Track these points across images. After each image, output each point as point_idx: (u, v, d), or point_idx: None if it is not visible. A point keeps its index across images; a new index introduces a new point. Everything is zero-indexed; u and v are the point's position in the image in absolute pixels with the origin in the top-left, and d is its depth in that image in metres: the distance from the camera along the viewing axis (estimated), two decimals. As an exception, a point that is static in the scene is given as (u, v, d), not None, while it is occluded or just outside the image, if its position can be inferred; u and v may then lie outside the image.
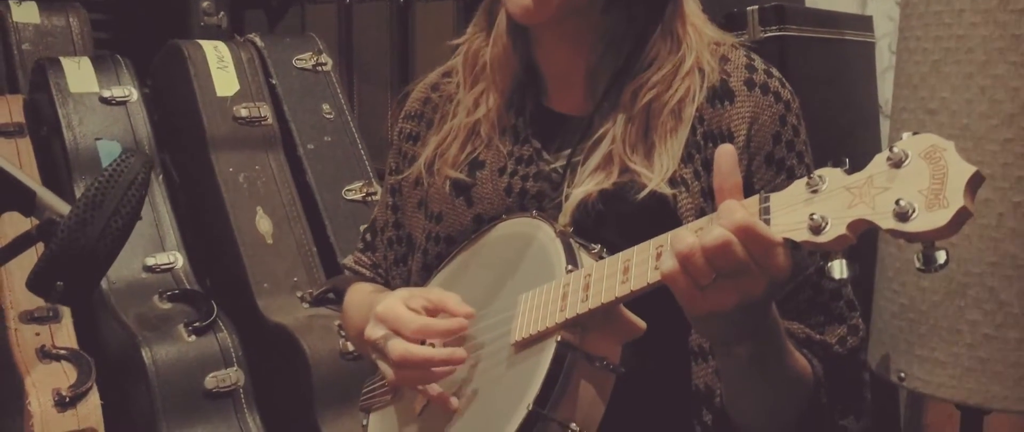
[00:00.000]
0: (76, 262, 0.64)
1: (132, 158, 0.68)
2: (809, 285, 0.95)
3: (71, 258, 0.64)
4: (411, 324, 0.91)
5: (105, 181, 0.66)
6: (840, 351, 0.95)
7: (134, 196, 0.66)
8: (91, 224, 0.64)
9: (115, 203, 0.65)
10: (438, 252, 1.07)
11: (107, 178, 0.66)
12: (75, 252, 0.64)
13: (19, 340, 1.85)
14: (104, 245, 0.65)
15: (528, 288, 0.90)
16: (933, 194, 0.62)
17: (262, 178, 2.11)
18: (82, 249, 0.64)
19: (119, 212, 0.65)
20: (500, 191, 1.02)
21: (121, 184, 0.66)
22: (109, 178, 0.66)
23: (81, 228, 0.65)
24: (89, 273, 0.65)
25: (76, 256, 0.64)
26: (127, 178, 0.66)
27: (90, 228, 0.64)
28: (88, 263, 0.64)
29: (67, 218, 0.65)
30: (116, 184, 0.66)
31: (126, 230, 0.66)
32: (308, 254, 2.07)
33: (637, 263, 0.78)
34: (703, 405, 0.93)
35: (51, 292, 0.65)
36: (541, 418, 0.81)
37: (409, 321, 0.91)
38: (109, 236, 0.65)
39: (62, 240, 0.65)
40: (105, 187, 0.65)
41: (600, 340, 0.85)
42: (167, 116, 2.20)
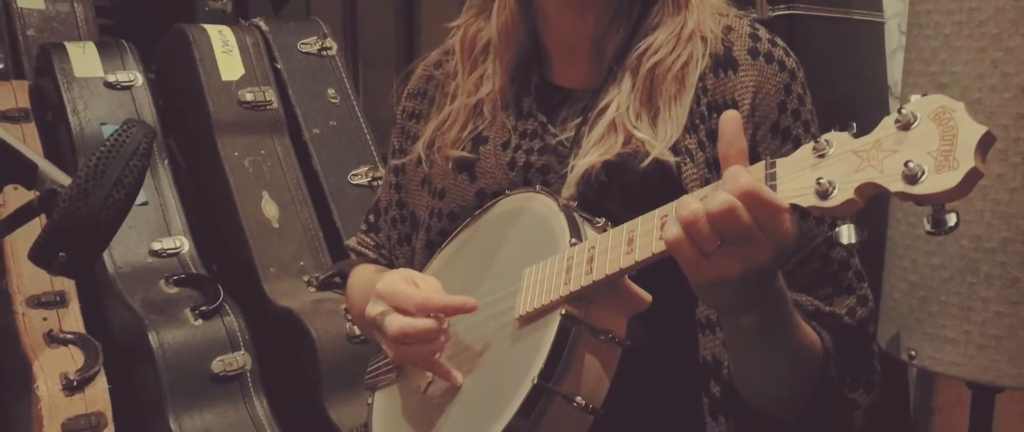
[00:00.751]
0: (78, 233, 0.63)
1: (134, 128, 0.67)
2: (816, 256, 0.94)
3: (73, 229, 0.63)
4: (413, 299, 0.90)
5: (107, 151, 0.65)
6: (849, 322, 0.94)
7: (136, 166, 0.66)
8: (93, 195, 0.64)
9: (117, 173, 0.64)
10: (441, 229, 1.06)
11: (109, 148, 0.66)
12: (77, 223, 0.63)
13: (27, 325, 1.86)
14: (106, 216, 0.64)
15: (532, 262, 0.89)
16: (943, 156, 0.60)
17: (268, 162, 2.10)
18: (84, 220, 0.63)
19: (121, 182, 0.65)
20: (503, 166, 1.01)
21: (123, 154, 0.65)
22: (111, 148, 0.66)
23: (83, 198, 0.64)
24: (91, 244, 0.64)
25: (78, 227, 0.63)
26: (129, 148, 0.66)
27: (92, 199, 0.64)
28: (90, 234, 0.64)
29: (69, 189, 0.65)
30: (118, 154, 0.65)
31: (128, 201, 0.65)
32: (314, 238, 2.07)
33: (641, 234, 0.77)
34: (711, 377, 0.92)
35: (53, 263, 0.64)
36: (546, 392, 0.80)
37: (411, 296, 0.90)
38: (111, 207, 0.64)
39: (64, 211, 0.64)
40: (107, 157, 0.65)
41: (605, 313, 0.84)
42: (172, 101, 2.20)
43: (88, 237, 0.63)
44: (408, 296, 0.90)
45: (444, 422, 0.90)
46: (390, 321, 0.90)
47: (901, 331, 1.22)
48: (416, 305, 0.90)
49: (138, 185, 0.65)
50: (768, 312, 0.79)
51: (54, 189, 0.65)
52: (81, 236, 0.63)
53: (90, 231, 0.63)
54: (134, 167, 0.65)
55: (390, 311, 0.91)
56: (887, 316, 1.26)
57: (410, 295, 0.90)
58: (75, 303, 1.90)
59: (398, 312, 0.90)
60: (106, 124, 2.05)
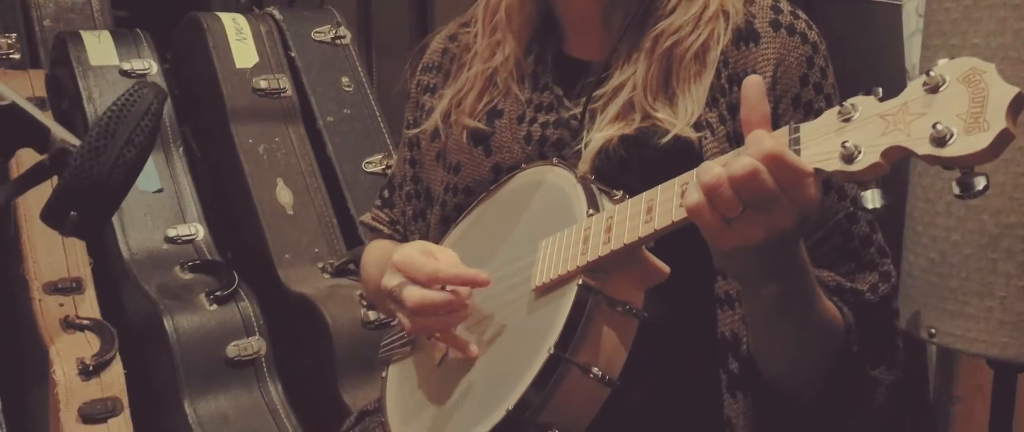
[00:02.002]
0: (89, 192, 0.63)
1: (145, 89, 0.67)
2: (839, 232, 0.93)
3: (84, 188, 0.63)
4: (425, 269, 0.89)
5: (118, 111, 0.65)
6: (871, 298, 0.93)
7: (147, 126, 0.65)
8: (104, 153, 0.64)
9: (128, 132, 0.64)
10: (457, 203, 1.06)
11: (119, 108, 0.66)
12: (88, 181, 0.63)
13: (43, 311, 1.86)
14: (117, 175, 0.64)
15: (548, 234, 0.89)
16: (973, 117, 0.59)
17: (282, 150, 2.10)
18: (95, 178, 0.63)
19: (132, 141, 0.65)
20: (519, 139, 1.01)
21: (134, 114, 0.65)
22: (122, 108, 0.66)
23: (94, 157, 0.64)
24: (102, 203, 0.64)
25: (89, 185, 0.63)
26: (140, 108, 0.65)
27: (103, 157, 0.64)
28: (102, 193, 0.64)
29: (80, 148, 0.65)
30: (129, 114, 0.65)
31: (140, 160, 0.65)
32: (329, 225, 2.07)
33: (661, 202, 0.76)
34: (729, 353, 0.91)
35: (65, 223, 0.64)
36: (563, 361, 0.80)
37: (423, 266, 0.90)
38: (122, 165, 0.64)
39: (75, 169, 0.64)
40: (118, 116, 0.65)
41: (623, 284, 0.83)
42: (187, 88, 2.20)
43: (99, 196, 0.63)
44: (419, 267, 0.90)
45: (459, 393, 0.90)
46: (408, 293, 0.89)
47: (921, 309, 1.21)
48: (426, 276, 0.89)
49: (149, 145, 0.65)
50: (790, 283, 0.78)
51: (65, 148, 0.66)
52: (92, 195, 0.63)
53: (101, 190, 0.63)
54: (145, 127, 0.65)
55: (407, 283, 0.90)
56: (906, 294, 1.24)
57: (421, 266, 0.90)
58: (91, 289, 1.91)
59: (413, 283, 0.90)
60: (121, 111, 2.05)
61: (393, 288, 0.91)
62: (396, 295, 0.91)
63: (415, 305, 0.89)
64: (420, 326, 0.91)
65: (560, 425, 0.81)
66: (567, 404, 0.81)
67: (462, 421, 0.87)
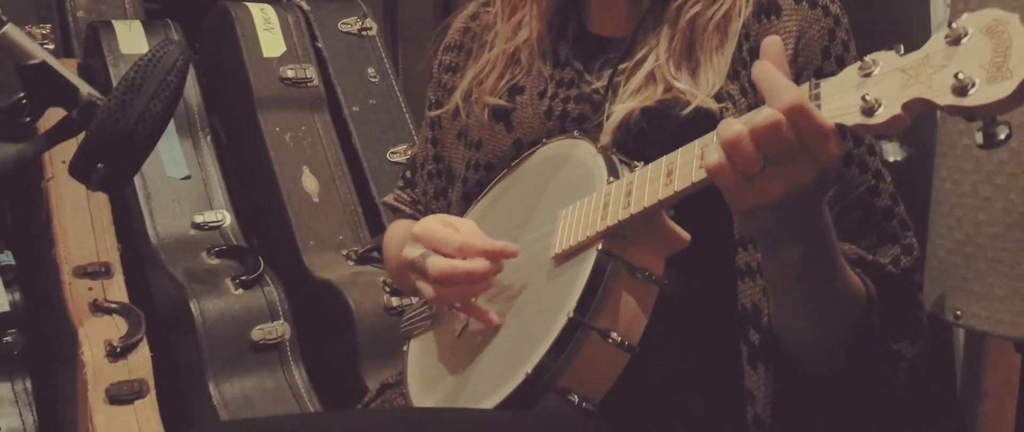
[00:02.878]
0: (115, 144, 0.65)
1: (170, 46, 0.68)
2: (860, 205, 0.93)
3: (111, 140, 0.65)
4: (453, 241, 0.90)
5: (144, 66, 0.67)
6: (893, 271, 0.92)
7: (173, 82, 0.67)
8: (131, 106, 0.65)
9: (154, 87, 0.66)
10: (478, 180, 1.06)
11: (146, 63, 0.67)
12: (115, 134, 0.65)
13: (73, 294, 1.89)
14: (143, 128, 0.65)
15: (569, 204, 0.89)
16: (995, 67, 0.59)
17: (308, 138, 2.12)
18: (121, 130, 0.65)
19: (158, 96, 0.66)
20: (540, 114, 1.01)
21: (160, 69, 0.66)
22: (148, 63, 0.67)
23: (121, 110, 0.65)
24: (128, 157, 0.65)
25: (115, 138, 0.65)
26: (166, 64, 0.67)
27: (130, 110, 0.65)
28: (127, 145, 0.65)
29: (107, 100, 0.66)
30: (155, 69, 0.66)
31: (165, 116, 0.66)
32: (353, 213, 2.08)
33: (681, 164, 0.76)
34: (750, 324, 0.90)
35: (91, 176, 0.66)
36: (581, 326, 0.80)
37: (449, 239, 0.90)
38: (148, 119, 0.65)
39: (102, 121, 0.65)
40: (144, 71, 0.66)
41: (643, 251, 0.83)
42: (215, 77, 2.23)
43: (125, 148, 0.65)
44: (447, 239, 0.90)
45: (478, 363, 0.90)
46: (433, 262, 0.90)
47: (946, 291, 1.19)
48: (456, 248, 0.90)
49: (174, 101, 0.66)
50: (812, 246, 0.78)
51: (93, 101, 0.67)
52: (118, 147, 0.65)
53: (127, 142, 0.65)
54: (170, 82, 0.66)
55: (430, 253, 0.91)
56: (932, 277, 1.23)
57: (449, 238, 0.90)
58: (119, 274, 1.94)
59: (436, 254, 0.91)
60: (151, 99, 2.08)
61: (416, 259, 0.92)
62: (419, 265, 0.92)
63: (439, 274, 0.89)
64: (442, 295, 0.91)
65: (579, 391, 0.81)
66: (586, 370, 0.81)
67: (481, 387, 0.87)
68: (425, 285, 0.92)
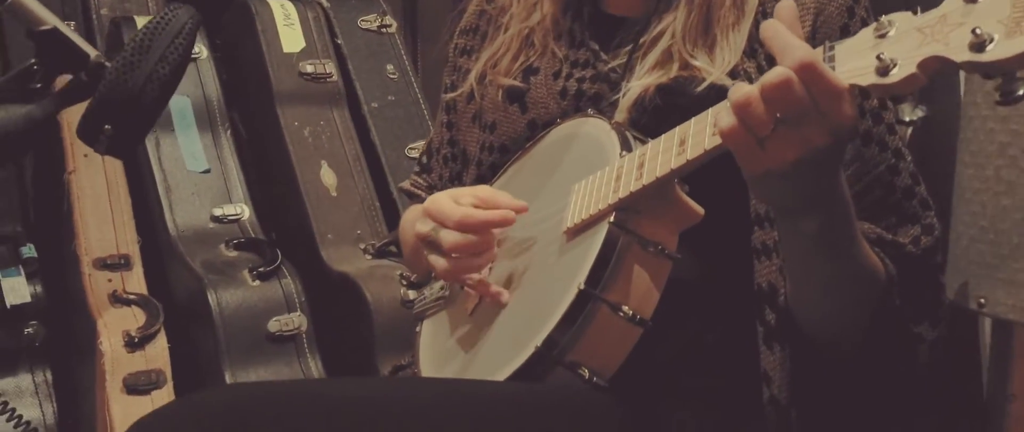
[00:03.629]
0: (123, 105, 0.65)
1: (179, 10, 0.69)
2: (880, 185, 0.91)
3: (119, 100, 0.65)
4: (453, 215, 0.90)
5: (152, 29, 0.67)
6: (913, 251, 0.90)
7: (181, 45, 0.67)
8: (138, 67, 0.65)
9: (162, 50, 0.66)
10: (492, 162, 1.06)
11: (155, 26, 0.67)
12: (122, 94, 0.65)
13: (93, 286, 1.91)
14: (150, 90, 0.65)
15: (581, 180, 0.88)
16: (1014, 22, 0.57)
17: (327, 133, 2.13)
18: (129, 92, 0.65)
19: (166, 59, 0.66)
20: (555, 94, 1.00)
21: (169, 32, 0.66)
22: (156, 26, 0.67)
23: (129, 71, 0.65)
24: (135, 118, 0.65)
25: (123, 99, 0.65)
26: (174, 27, 0.67)
27: (137, 71, 0.65)
28: (134, 106, 0.65)
29: (116, 61, 0.66)
30: (163, 32, 0.66)
31: (172, 79, 0.66)
32: (371, 208, 2.08)
33: (694, 133, 0.75)
34: (766, 304, 0.89)
35: (99, 137, 0.66)
36: (592, 298, 0.79)
37: (451, 212, 0.90)
38: (156, 81, 0.65)
39: (110, 82, 0.65)
40: (152, 34, 0.66)
41: (656, 225, 0.82)
42: (236, 73, 2.24)
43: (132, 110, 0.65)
44: (448, 213, 0.90)
45: (489, 338, 0.89)
46: (445, 235, 0.90)
47: (970, 279, 1.17)
48: (455, 222, 0.89)
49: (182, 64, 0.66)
50: (828, 217, 0.76)
51: (102, 63, 0.67)
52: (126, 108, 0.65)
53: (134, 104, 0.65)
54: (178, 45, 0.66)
55: (441, 228, 0.91)
56: (955, 265, 1.20)
57: (449, 212, 0.90)
58: (139, 266, 1.95)
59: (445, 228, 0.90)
60: (172, 94, 2.10)
61: (429, 232, 0.92)
62: (431, 239, 0.91)
63: (451, 246, 0.89)
64: (455, 268, 0.91)
65: (589, 365, 0.80)
66: (597, 343, 0.80)
67: (491, 362, 0.86)
68: (437, 258, 0.91)
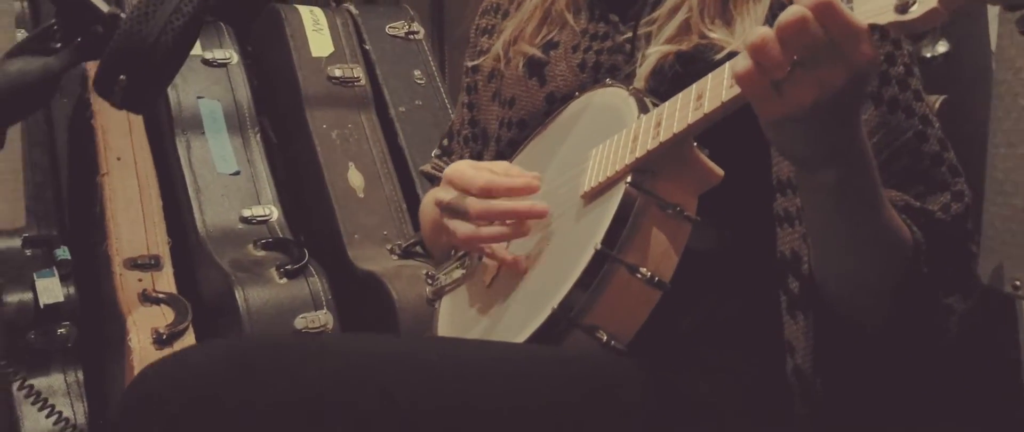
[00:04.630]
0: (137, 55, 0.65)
1: (193, -35, 0.69)
2: (907, 152, 0.89)
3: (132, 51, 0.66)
4: (477, 181, 0.89)
5: (167, -20, 0.67)
6: (943, 218, 0.88)
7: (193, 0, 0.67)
8: (153, 18, 0.66)
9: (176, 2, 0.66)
10: (510, 139, 1.05)
11: (169, -22, 0.68)
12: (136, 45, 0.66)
13: (123, 285, 1.93)
14: (164, 41, 0.66)
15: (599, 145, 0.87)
16: (1036, -51, 0.56)
17: (354, 136, 2.14)
18: (143, 41, 0.65)
19: (180, 11, 0.67)
20: (574, 67, 1.00)
21: (182, -14, 0.67)
22: (171, -21, 0.68)
23: (143, 20, 0.66)
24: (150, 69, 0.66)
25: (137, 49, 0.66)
26: (188, -19, 0.67)
27: (152, 21, 0.66)
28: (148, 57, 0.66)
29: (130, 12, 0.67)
30: (177, -15, 0.67)
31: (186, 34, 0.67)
32: (398, 209, 2.09)
33: (711, 87, 0.74)
34: (789, 272, 0.87)
35: (114, 89, 0.66)
36: (609, 259, 0.77)
37: (474, 178, 0.89)
38: (169, 33, 0.66)
39: (125, 32, 0.66)
40: (166, -12, 0.67)
41: (674, 187, 0.81)
42: (266, 79, 2.27)
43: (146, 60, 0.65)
44: (471, 179, 0.90)
45: (507, 306, 0.89)
46: (471, 202, 0.89)
47: (1004, 261, 1.14)
48: (479, 187, 0.89)
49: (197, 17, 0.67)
50: (848, 169, 0.74)
51: (116, 14, 0.68)
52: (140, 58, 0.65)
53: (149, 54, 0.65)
54: (193, 0, 0.67)
55: (464, 195, 0.90)
56: (988, 247, 1.16)
57: (472, 178, 0.90)
58: (169, 267, 1.97)
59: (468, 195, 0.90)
60: (202, 98, 2.13)
61: (451, 200, 0.91)
62: (453, 206, 0.91)
63: (479, 212, 0.89)
64: (477, 236, 0.90)
65: (607, 328, 0.79)
66: (614, 306, 0.79)
67: (509, 328, 0.85)
68: (458, 224, 0.91)
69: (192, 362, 0.69)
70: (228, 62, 2.19)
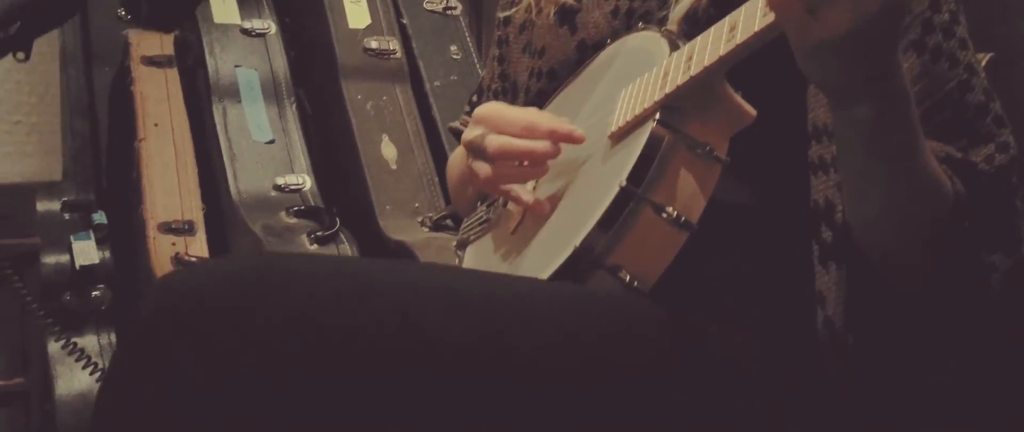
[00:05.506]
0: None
1: None
2: (950, 104, 0.85)
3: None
4: (519, 121, 0.87)
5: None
6: (986, 169, 0.84)
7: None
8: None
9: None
10: (540, 88, 1.03)
11: None
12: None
13: (156, 248, 1.95)
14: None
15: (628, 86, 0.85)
16: None
17: (389, 108, 2.14)
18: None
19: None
20: (606, 14, 0.98)
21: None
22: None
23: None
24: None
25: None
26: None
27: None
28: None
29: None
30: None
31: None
32: (430, 183, 2.08)
33: (745, 17, 0.72)
34: (822, 221, 0.84)
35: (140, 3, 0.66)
36: (634, 197, 0.75)
37: (516, 118, 0.87)
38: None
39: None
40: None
41: (704, 126, 0.78)
42: (303, 50, 2.28)
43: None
44: (513, 118, 0.88)
45: (530, 248, 0.87)
46: (491, 139, 0.87)
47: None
48: (522, 127, 0.87)
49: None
50: (886, 104, 0.72)
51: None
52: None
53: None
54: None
55: (490, 133, 0.89)
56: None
57: (515, 117, 0.88)
58: (202, 232, 1.99)
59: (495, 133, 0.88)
60: (240, 67, 2.14)
61: (475, 138, 0.90)
62: (478, 144, 0.89)
63: (497, 150, 0.87)
64: (498, 175, 0.88)
65: (631, 269, 0.77)
66: (638, 246, 0.77)
67: (531, 269, 0.83)
68: (481, 164, 0.89)
69: (212, 274, 0.67)
70: (266, 32, 2.21)
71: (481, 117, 0.90)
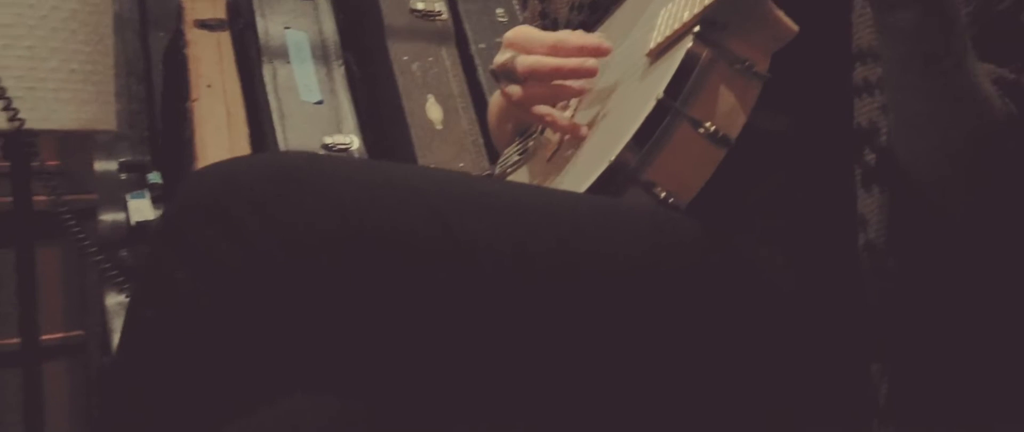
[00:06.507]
0: None
1: None
2: (1002, 22, 0.82)
3: None
4: (546, 40, 0.87)
5: None
6: (1037, 90, 0.81)
7: None
8: None
9: None
10: (580, 22, 1.03)
11: None
12: None
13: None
14: None
15: None
16: None
17: (435, 69, 2.15)
18: None
19: None
20: None
21: None
22: None
23: None
24: None
25: None
26: None
27: None
28: None
29: None
30: None
31: None
32: (475, 143, 2.09)
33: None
34: (866, 144, 0.82)
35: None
36: (672, 111, 0.75)
37: (543, 38, 0.87)
38: None
39: None
40: None
41: (745, 41, 0.77)
42: (351, 13, 2.30)
43: None
44: (540, 38, 0.88)
45: (567, 171, 0.87)
46: (521, 60, 0.87)
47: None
48: (549, 46, 0.87)
49: None
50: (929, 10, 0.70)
51: None
52: None
53: None
54: None
55: (520, 54, 0.89)
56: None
57: (543, 37, 0.88)
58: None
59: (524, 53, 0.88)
60: (289, 28, 2.17)
61: (506, 61, 0.90)
62: (508, 66, 0.89)
63: (526, 70, 0.87)
64: (530, 95, 0.88)
65: (666, 186, 0.76)
66: (674, 162, 0.76)
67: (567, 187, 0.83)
68: (513, 87, 0.89)
69: (252, 166, 0.67)
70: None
71: (511, 40, 0.90)
